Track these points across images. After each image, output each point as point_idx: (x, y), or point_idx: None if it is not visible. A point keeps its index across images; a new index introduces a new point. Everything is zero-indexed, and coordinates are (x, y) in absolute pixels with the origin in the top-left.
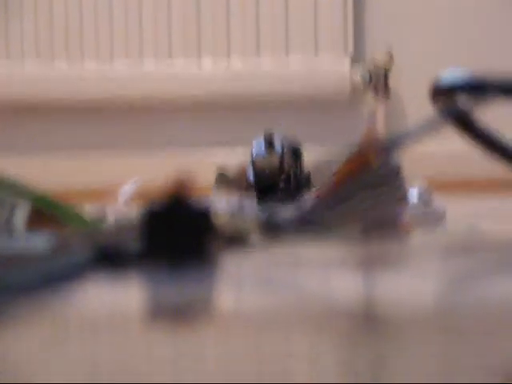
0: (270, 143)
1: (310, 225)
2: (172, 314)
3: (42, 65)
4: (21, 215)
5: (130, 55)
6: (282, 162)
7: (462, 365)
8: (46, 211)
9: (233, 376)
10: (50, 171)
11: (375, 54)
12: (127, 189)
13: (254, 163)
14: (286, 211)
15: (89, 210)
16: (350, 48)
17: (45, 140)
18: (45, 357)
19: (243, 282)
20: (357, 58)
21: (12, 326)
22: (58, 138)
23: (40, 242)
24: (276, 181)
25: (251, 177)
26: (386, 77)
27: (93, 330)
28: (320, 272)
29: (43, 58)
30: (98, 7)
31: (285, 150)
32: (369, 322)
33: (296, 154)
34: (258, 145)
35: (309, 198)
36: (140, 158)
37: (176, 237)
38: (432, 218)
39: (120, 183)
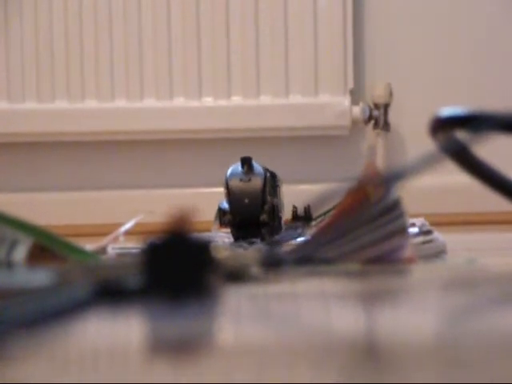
0: (249, 167)
1: (311, 259)
2: (173, 349)
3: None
4: (21, 250)
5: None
6: (264, 190)
7: None
8: (47, 246)
9: None
10: (49, 208)
11: (375, 89)
12: (127, 225)
13: (230, 191)
14: (287, 245)
15: (89, 245)
16: (350, 84)
17: (43, 176)
18: None
19: (244, 316)
20: (357, 93)
21: (12, 361)
22: (58, 174)
23: (41, 276)
24: (257, 213)
25: (227, 208)
26: (385, 112)
27: (93, 365)
28: (320, 306)
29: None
30: (99, 45)
31: (267, 175)
32: (369, 356)
33: (275, 182)
34: (234, 170)
35: (310, 232)
36: (141, 194)
37: (176, 271)
38: (432, 251)
39: (121, 220)
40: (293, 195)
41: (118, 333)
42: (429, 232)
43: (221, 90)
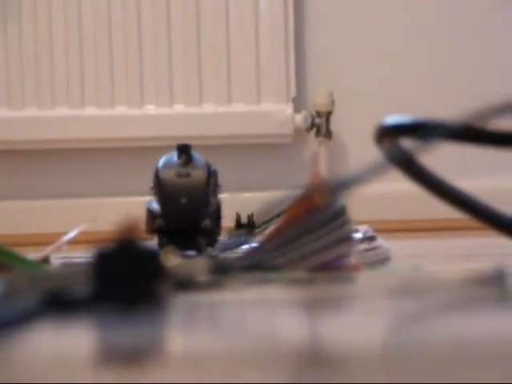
0: (187, 158)
1: (258, 266)
2: (121, 359)
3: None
4: None
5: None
6: (207, 188)
7: None
8: None
9: None
10: None
11: (317, 97)
12: (70, 235)
13: (162, 188)
14: (234, 254)
15: (32, 255)
16: (293, 92)
17: None
18: None
19: (192, 325)
20: (299, 101)
21: None
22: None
23: None
24: (197, 217)
25: (158, 210)
26: (327, 120)
27: (39, 376)
28: (266, 314)
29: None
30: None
31: (211, 170)
32: (314, 362)
33: (216, 180)
34: (168, 160)
35: (255, 239)
36: (85, 202)
37: (125, 280)
38: (376, 258)
39: (64, 229)
40: (236, 203)
41: (66, 343)
42: (373, 238)
43: (163, 98)
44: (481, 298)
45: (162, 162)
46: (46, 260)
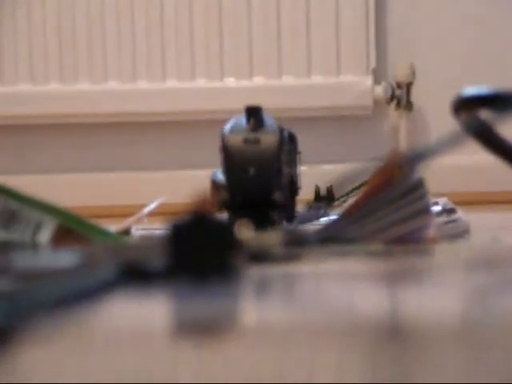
0: (257, 122)
1: (335, 240)
2: (197, 329)
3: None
4: (46, 232)
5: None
6: (278, 156)
7: (484, 378)
8: (71, 228)
9: None
10: (72, 189)
11: (397, 69)
12: (151, 207)
13: (228, 156)
14: (313, 226)
15: (113, 227)
16: (373, 63)
17: (65, 158)
18: (68, 371)
19: (266, 297)
20: (379, 73)
21: (37, 341)
22: (80, 156)
23: (66, 258)
24: (267, 189)
25: (223, 181)
26: (408, 91)
27: (118, 344)
28: (343, 286)
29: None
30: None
31: (284, 135)
32: (393, 335)
33: (295, 147)
34: (236, 124)
35: (335, 211)
36: (163, 177)
37: (200, 252)
38: (456, 230)
39: (144, 201)
40: (315, 175)
41: (143, 314)
42: (452, 211)
43: (243, 71)
44: None
45: (229, 125)
46: (126, 232)
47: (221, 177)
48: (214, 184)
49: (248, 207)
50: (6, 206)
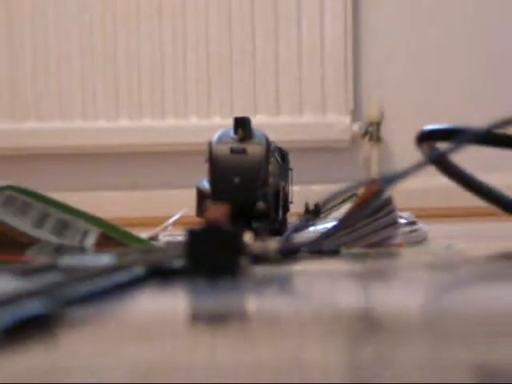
0: (245, 132)
1: (323, 247)
2: (211, 318)
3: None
4: (91, 238)
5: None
6: (264, 166)
7: (447, 361)
8: (111, 235)
9: (264, 364)
10: (113, 205)
11: (370, 111)
12: (175, 217)
13: (214, 164)
14: (303, 234)
15: (144, 234)
16: (351, 106)
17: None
18: (106, 352)
19: (266, 292)
20: (356, 113)
21: (80, 328)
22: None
23: (105, 259)
24: (252, 198)
25: (206, 188)
26: (378, 128)
27: (147, 329)
28: (328, 283)
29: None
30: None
31: (271, 146)
32: (369, 325)
33: (287, 163)
34: (224, 134)
35: (321, 224)
36: (185, 193)
37: (213, 255)
38: (417, 238)
39: (170, 213)
40: (305, 194)
41: (166, 305)
42: (414, 223)
43: (249, 109)
44: (505, 271)
45: (216, 135)
46: (155, 238)
47: (206, 185)
48: (199, 192)
49: (232, 216)
50: (59, 217)
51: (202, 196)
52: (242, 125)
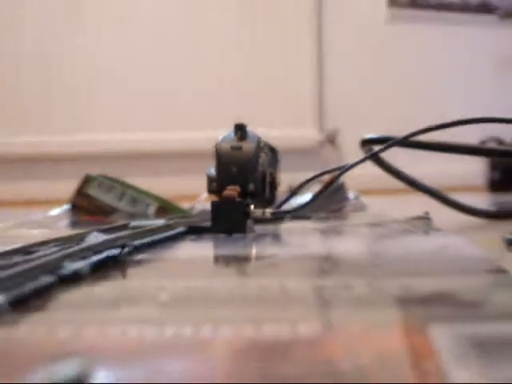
0: (242, 134)
1: (300, 213)
2: (230, 260)
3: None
4: (152, 209)
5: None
6: (255, 159)
7: (381, 285)
8: (164, 206)
9: (261, 285)
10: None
11: (329, 125)
12: (203, 195)
13: (218, 158)
14: (288, 205)
15: (185, 205)
16: (317, 123)
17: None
18: (157, 283)
19: (265, 241)
20: (321, 127)
21: (142, 266)
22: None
23: (160, 221)
24: (245, 182)
25: (213, 174)
26: (335, 137)
27: (186, 267)
28: (303, 235)
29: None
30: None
31: (262, 145)
32: (327, 263)
33: (275, 157)
34: (226, 136)
35: (300, 199)
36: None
37: (229, 218)
38: (359, 207)
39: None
40: (289, 179)
41: (199, 251)
42: (357, 197)
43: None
44: (414, 229)
45: (222, 137)
46: (192, 208)
47: (213, 172)
48: (208, 177)
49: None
50: (132, 195)
51: (210, 180)
52: (240, 129)
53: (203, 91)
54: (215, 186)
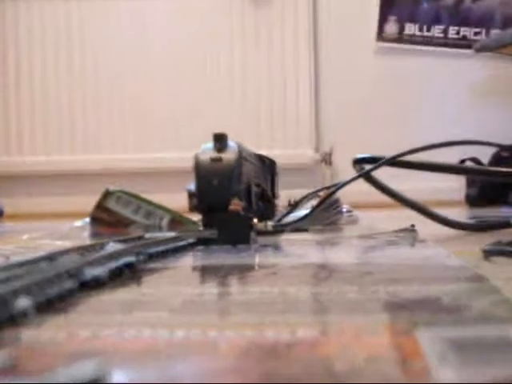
0: (221, 145)
1: (300, 225)
2: (233, 268)
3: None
4: (165, 221)
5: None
6: (237, 170)
7: (371, 290)
8: (176, 219)
9: (263, 291)
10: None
11: (325, 147)
12: None
13: (197, 171)
14: (287, 219)
15: (195, 218)
16: (314, 144)
17: None
18: (169, 289)
19: (265, 252)
20: (317, 148)
21: (156, 273)
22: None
23: (172, 234)
24: (227, 194)
25: (193, 190)
26: (330, 157)
27: (195, 275)
28: (301, 246)
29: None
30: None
31: (243, 154)
32: (323, 272)
33: (274, 168)
34: (206, 147)
35: (299, 212)
36: None
37: (235, 230)
38: (352, 220)
39: None
40: (288, 195)
41: (208, 260)
42: (351, 211)
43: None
44: (401, 240)
45: (201, 149)
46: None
47: (193, 187)
48: (188, 193)
49: (212, 208)
50: (147, 208)
51: (190, 196)
52: (220, 139)
53: (211, 116)
54: (195, 202)
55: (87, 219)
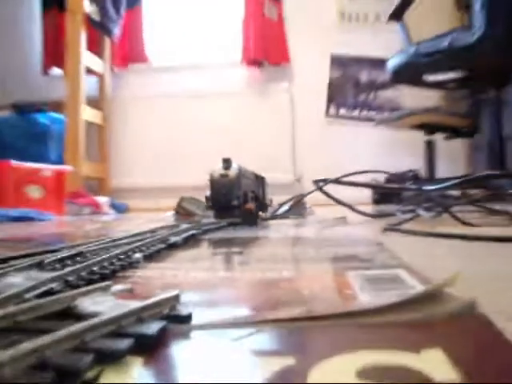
0: (227, 166)
1: (284, 216)
2: (243, 241)
3: None
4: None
5: None
6: (238, 181)
7: (325, 254)
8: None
9: (264, 253)
10: None
11: (298, 172)
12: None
13: (211, 184)
14: (278, 212)
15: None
16: (292, 170)
17: None
18: (213, 249)
19: (267, 230)
20: (293, 173)
21: (205, 241)
22: None
23: (214, 220)
24: (231, 200)
25: (208, 195)
26: (300, 178)
27: (227, 242)
28: (286, 226)
29: None
30: None
31: (243, 172)
32: (296, 240)
33: (263, 183)
34: (217, 168)
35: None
36: None
37: (249, 219)
38: (311, 213)
39: None
40: (279, 200)
41: (234, 234)
42: (310, 207)
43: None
44: (338, 223)
45: (215, 169)
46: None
47: (209, 194)
48: (206, 197)
49: (222, 210)
50: (202, 206)
51: (207, 199)
52: (226, 162)
53: (220, 151)
54: (210, 203)
55: (172, 212)
